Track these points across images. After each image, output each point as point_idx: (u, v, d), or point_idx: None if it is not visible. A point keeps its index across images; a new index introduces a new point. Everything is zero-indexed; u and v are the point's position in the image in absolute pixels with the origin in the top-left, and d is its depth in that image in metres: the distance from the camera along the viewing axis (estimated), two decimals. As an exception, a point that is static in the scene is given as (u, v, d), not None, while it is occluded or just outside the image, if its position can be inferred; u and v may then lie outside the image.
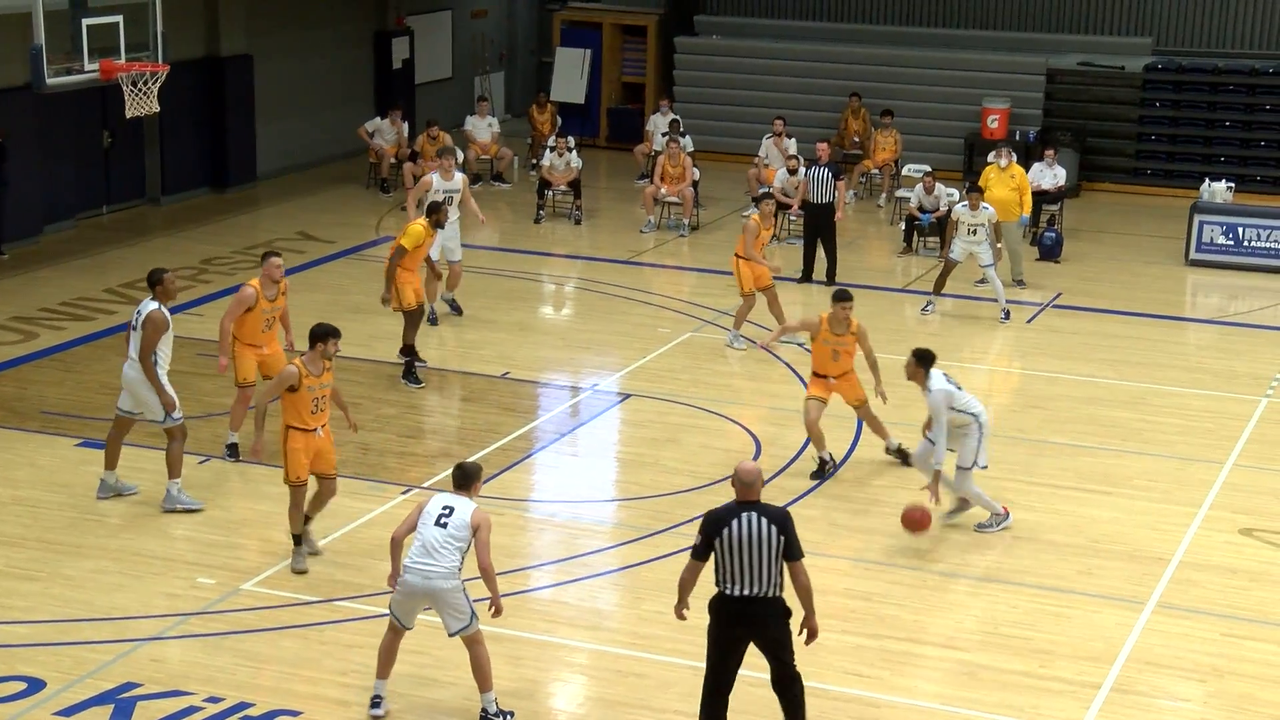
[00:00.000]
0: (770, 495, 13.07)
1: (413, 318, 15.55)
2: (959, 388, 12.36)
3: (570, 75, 27.81)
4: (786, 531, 8.82)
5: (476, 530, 9.45)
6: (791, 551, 8.82)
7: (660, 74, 27.92)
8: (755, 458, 13.86)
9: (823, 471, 13.50)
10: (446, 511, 9.48)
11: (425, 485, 13.00)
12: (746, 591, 8.76)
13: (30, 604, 10.77)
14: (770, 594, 8.82)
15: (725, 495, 12.87)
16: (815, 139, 20.83)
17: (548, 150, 23.16)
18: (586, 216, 22.75)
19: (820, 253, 19.61)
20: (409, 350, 15.55)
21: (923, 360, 12.31)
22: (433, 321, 17.25)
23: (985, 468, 12.37)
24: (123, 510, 12.39)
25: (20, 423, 14.11)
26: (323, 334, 11.43)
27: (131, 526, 12.08)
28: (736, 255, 16.98)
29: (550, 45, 28.87)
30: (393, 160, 23.97)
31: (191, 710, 9.51)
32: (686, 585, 8.97)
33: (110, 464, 12.57)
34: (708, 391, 15.59)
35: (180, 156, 22.78)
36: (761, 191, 18.86)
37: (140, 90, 15.37)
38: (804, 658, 10.22)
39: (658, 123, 24.84)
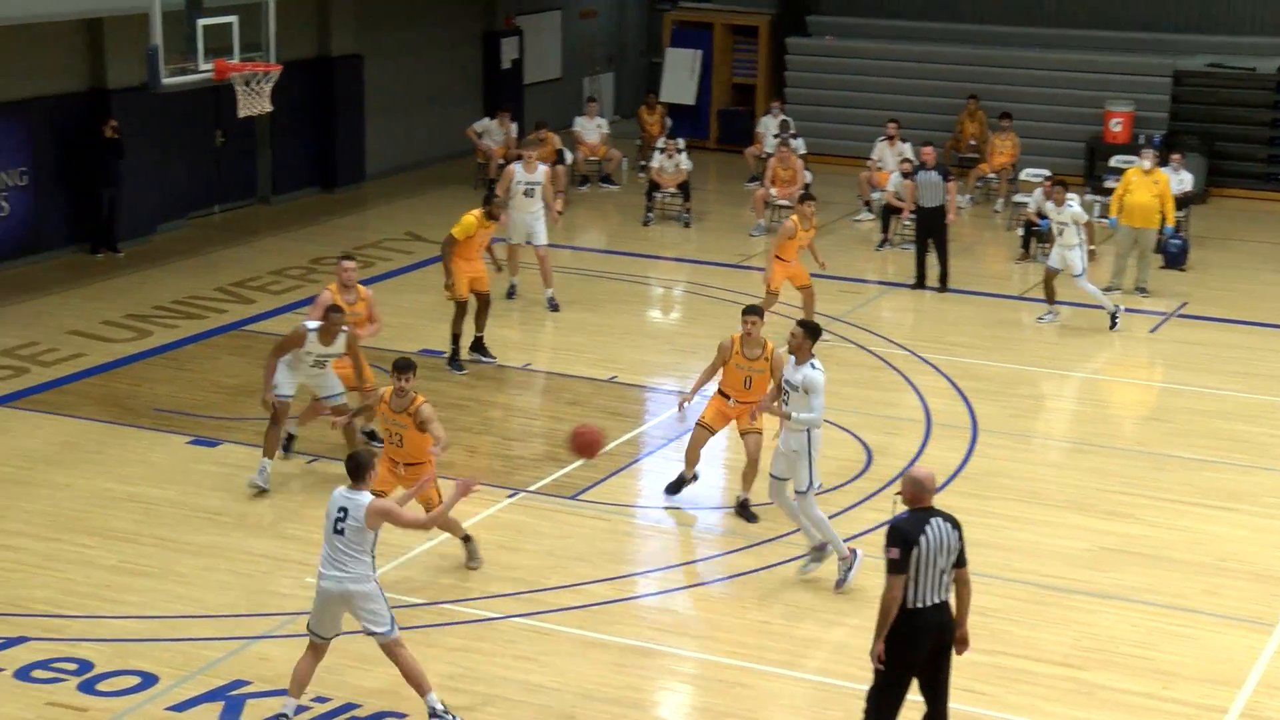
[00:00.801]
0: (885, 505, 13.05)
1: (462, 308, 15.82)
2: None
3: (680, 76, 27.87)
4: (962, 536, 8.81)
5: (378, 517, 9.22)
6: (962, 557, 8.82)
7: (771, 75, 27.89)
8: (866, 467, 13.82)
9: (679, 487, 12.89)
10: (342, 515, 9.27)
11: (531, 489, 13.12)
12: (936, 600, 8.71)
13: (143, 599, 11.01)
14: (946, 599, 8.80)
15: (832, 504, 12.89)
16: (930, 143, 20.70)
17: (657, 152, 23.25)
18: (695, 219, 22.78)
19: (933, 259, 19.50)
20: (456, 339, 15.92)
21: (813, 333, 11.66)
22: (510, 295, 17.74)
23: (820, 488, 11.62)
24: (233, 509, 12.63)
25: (133, 419, 14.42)
26: (400, 366, 11.13)
27: (242, 525, 12.32)
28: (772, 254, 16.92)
29: (660, 46, 28.95)
30: (500, 161, 24.13)
31: (299, 710, 9.68)
32: (896, 605, 8.61)
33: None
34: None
35: (290, 156, 23.15)
36: (800, 192, 18.52)
37: (253, 90, 15.65)
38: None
39: (768, 125, 24.82)
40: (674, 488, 12.99)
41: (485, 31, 26.88)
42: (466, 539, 11.69)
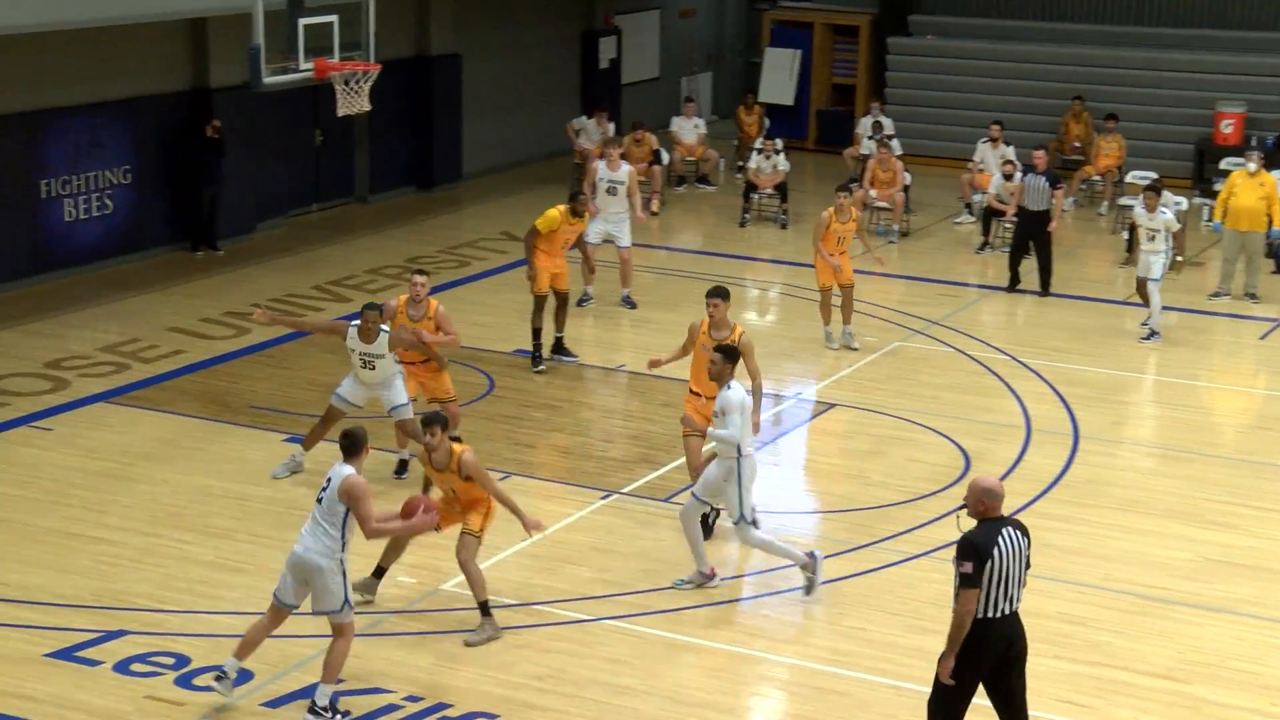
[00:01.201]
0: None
1: (540, 303, 15.92)
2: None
3: (779, 76, 27.82)
4: (1030, 543, 8.76)
5: (349, 502, 9.37)
6: (1029, 563, 8.79)
7: (872, 75, 27.75)
8: (964, 473, 13.72)
9: (709, 526, 12.06)
10: (325, 485, 9.52)
11: (624, 491, 13.15)
12: (1008, 610, 8.65)
13: (239, 595, 11.18)
14: (1018, 608, 8.73)
15: (928, 510, 12.82)
16: (1033, 144, 20.50)
17: (754, 152, 23.22)
18: (793, 220, 22.72)
19: (1032, 262, 19.31)
20: (538, 334, 16.05)
21: (731, 358, 11.39)
22: (581, 303, 17.78)
23: (754, 521, 11.25)
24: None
25: (231, 416, 14.65)
26: (426, 420, 10.58)
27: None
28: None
29: (759, 45, 28.92)
30: (597, 160, 24.22)
31: (391, 708, 9.78)
32: (970, 619, 8.52)
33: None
34: (914, 403, 15.46)
35: (388, 155, 23.38)
36: (845, 181, 18.26)
37: (352, 89, 15.82)
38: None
39: (868, 125, 24.71)
40: (706, 530, 11.94)
41: (584, 30, 26.99)
42: (380, 572, 11.08)
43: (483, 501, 10.72)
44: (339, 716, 9.59)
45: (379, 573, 11.13)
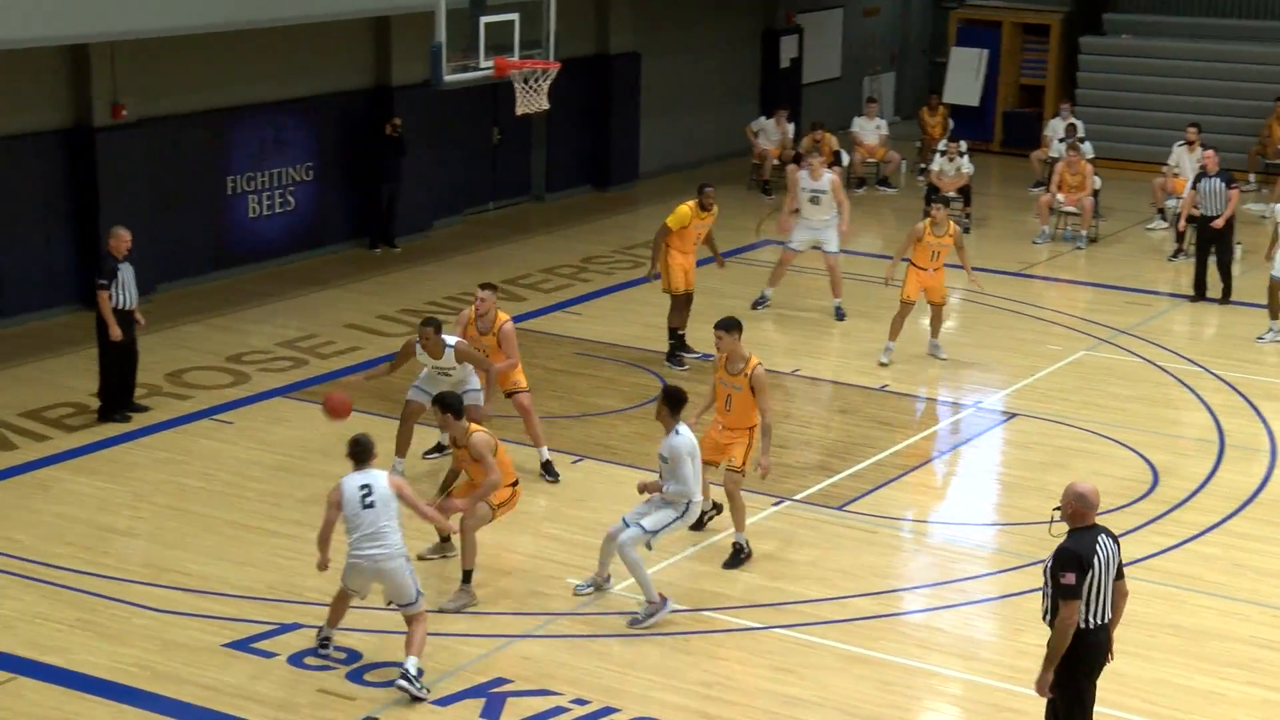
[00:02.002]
0: (1171, 530, 12.68)
1: (678, 301, 16.06)
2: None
3: (965, 76, 27.49)
4: (1119, 549, 8.68)
5: (400, 495, 10.02)
6: (1121, 570, 8.69)
7: (1062, 76, 27.30)
8: (1153, 488, 13.44)
9: (702, 522, 12.16)
10: (367, 491, 10.00)
11: (797, 498, 13.12)
12: (1105, 618, 8.63)
13: (409, 592, 11.38)
14: (1110, 618, 8.70)
15: (1112, 526, 12.54)
16: (1233, 148, 19.97)
17: (938, 154, 22.99)
18: (976, 225, 22.45)
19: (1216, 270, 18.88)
20: (674, 333, 16.11)
21: (671, 401, 10.92)
22: (755, 306, 17.83)
23: (651, 549, 11.06)
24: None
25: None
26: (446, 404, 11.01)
27: (505, 524, 12.61)
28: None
29: (945, 45, 28.61)
30: (775, 162, 24.22)
31: (558, 711, 9.89)
32: (1072, 631, 8.47)
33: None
34: (1101, 414, 15.18)
35: (565, 154, 23.62)
36: (940, 194, 17.62)
37: (531, 87, 15.99)
38: (1206, 710, 9.87)
39: (1057, 127, 24.30)
40: (697, 524, 12.04)
41: (765, 29, 26.96)
42: (445, 539, 11.74)
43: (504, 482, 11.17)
44: (422, 688, 9.89)
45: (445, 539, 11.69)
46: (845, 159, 23.71)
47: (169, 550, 11.97)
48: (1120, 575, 8.68)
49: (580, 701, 10.01)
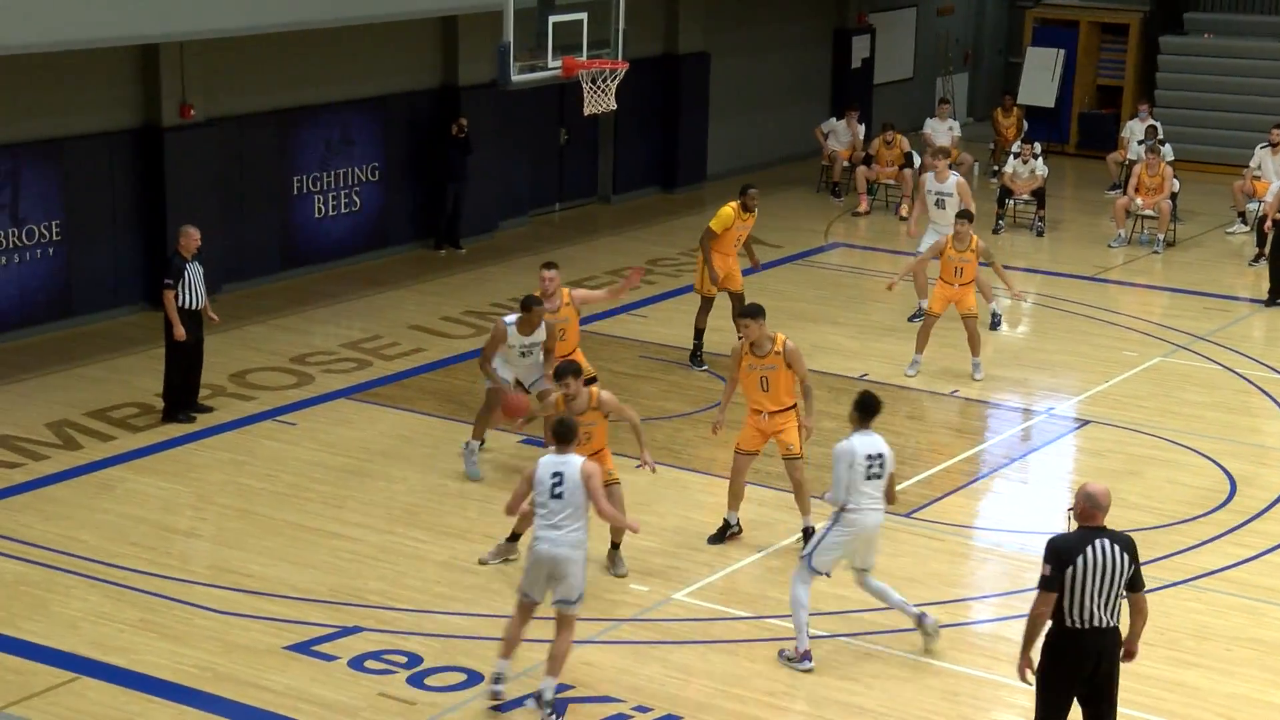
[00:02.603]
0: (1250, 540, 12.51)
1: (707, 303, 16.19)
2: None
3: (1040, 77, 27.29)
4: (1135, 559, 8.63)
5: (587, 482, 9.75)
6: (1136, 581, 8.61)
7: (1141, 76, 27.04)
8: (1230, 497, 13.28)
9: (722, 536, 12.25)
10: (558, 480, 9.81)
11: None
12: (1099, 624, 8.58)
13: (472, 597, 11.44)
14: (1114, 624, 8.65)
15: (1188, 536, 12.44)
16: None
17: (1011, 156, 22.83)
18: (1049, 228, 22.28)
19: None
20: (700, 334, 16.28)
21: (862, 409, 10.61)
22: (912, 319, 17.62)
23: (827, 574, 10.73)
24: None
25: (469, 416, 14.81)
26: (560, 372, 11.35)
27: (569, 526, 12.64)
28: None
29: (1020, 44, 28.43)
30: (845, 164, 24.14)
31: (621, 717, 9.89)
32: (1041, 622, 8.64)
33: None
34: (1176, 421, 15.02)
35: (632, 155, 23.63)
36: (962, 208, 17.05)
37: (599, 87, 15.99)
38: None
39: (1135, 129, 24.09)
40: (716, 537, 12.28)
41: (836, 29, 26.88)
42: (615, 545, 11.81)
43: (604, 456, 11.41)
44: (556, 717, 9.75)
45: (514, 538, 11.76)
46: (917, 161, 23.57)
47: (231, 551, 12.08)
48: (1136, 587, 8.62)
49: (642, 709, 10.01)
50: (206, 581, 11.58)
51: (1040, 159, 22.50)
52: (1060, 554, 8.55)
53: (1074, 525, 8.73)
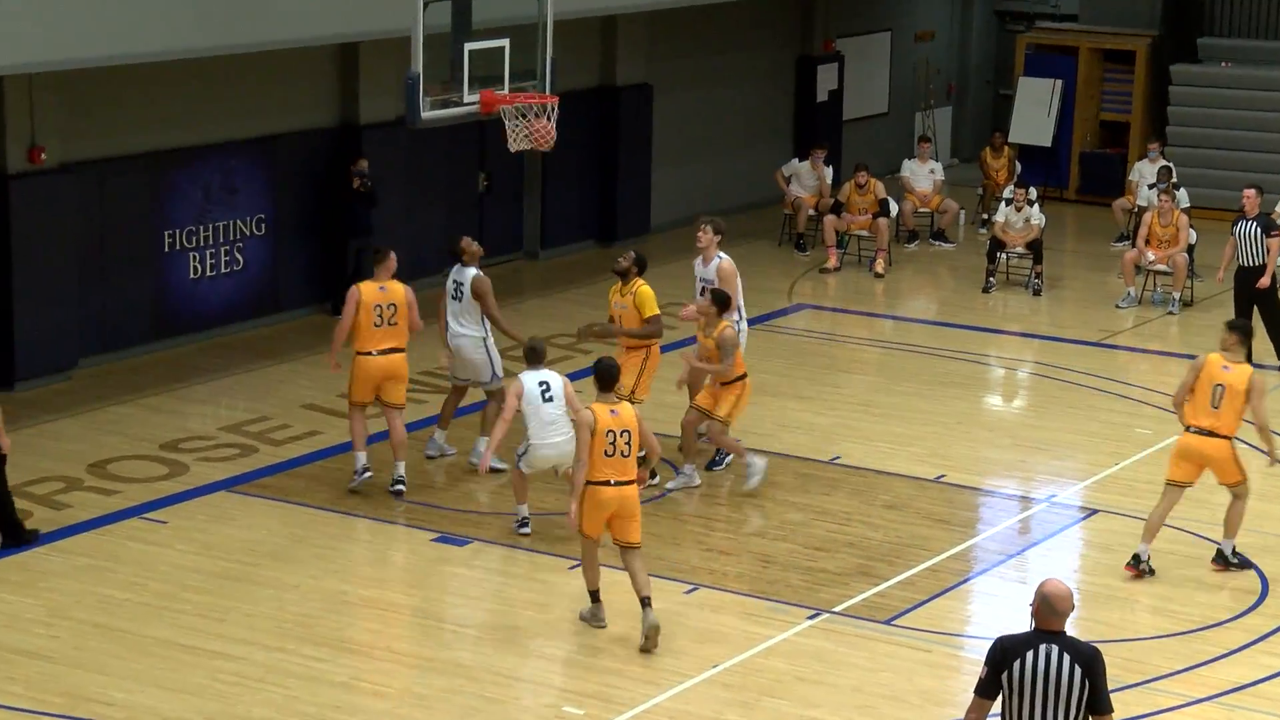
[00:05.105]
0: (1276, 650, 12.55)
1: None
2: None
3: (1035, 112, 27.61)
4: (1094, 676, 8.44)
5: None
6: (1099, 703, 8.44)
7: (1150, 110, 27.41)
8: (1261, 599, 13.33)
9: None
10: (545, 387, 13.71)
11: (837, 610, 13.04)
12: None
13: (375, 724, 11.34)
14: None
15: (1215, 645, 12.48)
16: (1256, 185, 20.01)
17: (1003, 203, 23.05)
18: (1048, 286, 22.45)
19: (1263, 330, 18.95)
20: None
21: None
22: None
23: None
24: (484, 620, 12.90)
25: (372, 510, 14.87)
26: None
27: (489, 639, 12.56)
28: None
29: (1011, 74, 28.76)
30: (811, 212, 24.29)
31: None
32: None
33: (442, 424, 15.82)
34: (1199, 511, 15.08)
35: (563, 204, 23.69)
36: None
37: (527, 125, 16.04)
38: None
39: (1144, 171, 24.36)
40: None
41: (799, 57, 27.14)
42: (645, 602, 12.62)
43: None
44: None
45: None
46: (894, 209, 23.76)
47: (90, 675, 11.90)
48: (1100, 711, 8.39)
49: None
50: (59, 712, 11.40)
51: (1036, 206, 22.71)
52: (998, 654, 8.44)
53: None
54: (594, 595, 12.63)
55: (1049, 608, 8.45)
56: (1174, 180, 23.39)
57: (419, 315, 15.29)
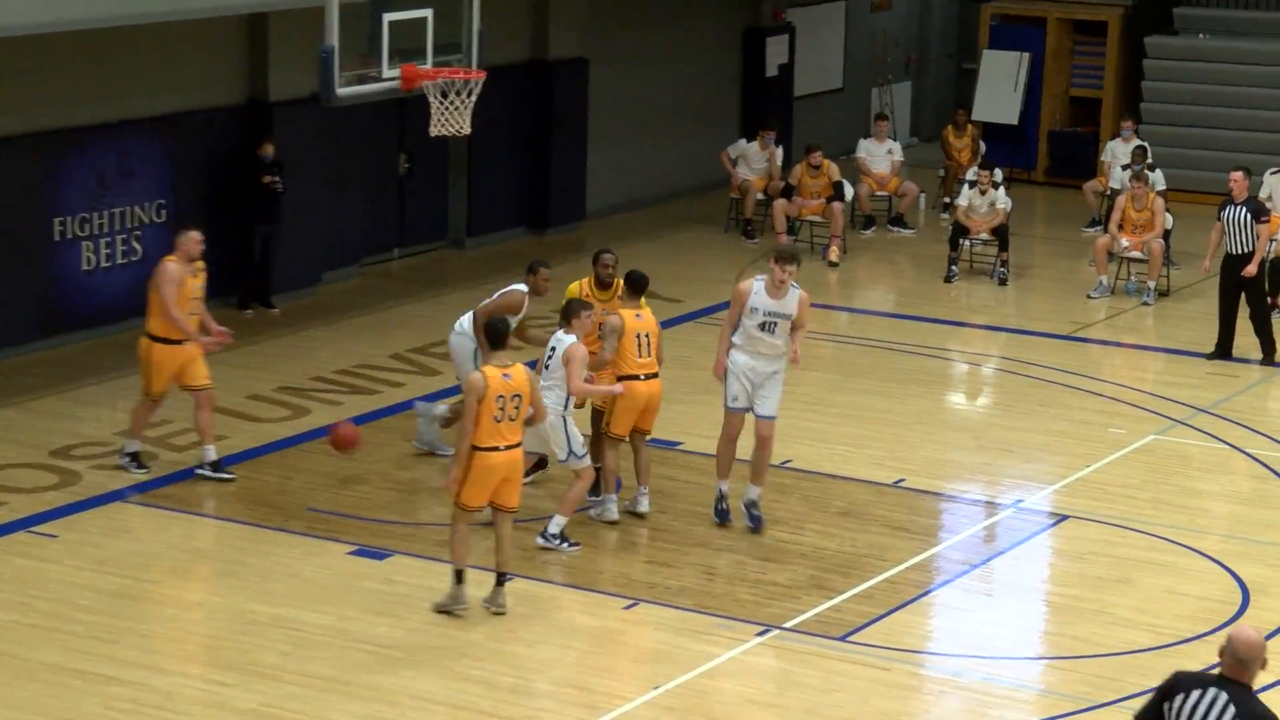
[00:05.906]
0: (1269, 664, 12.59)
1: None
2: None
3: (1000, 87, 27.74)
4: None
5: (568, 364, 13.67)
6: None
7: (1123, 86, 27.56)
8: (1240, 610, 13.39)
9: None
10: (550, 354, 13.95)
11: (788, 625, 13.03)
12: None
13: (284, 755, 11.26)
14: None
15: (1193, 659, 12.51)
16: (1243, 167, 20.16)
17: (966, 186, 23.12)
18: (1015, 275, 22.54)
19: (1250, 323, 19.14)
20: None
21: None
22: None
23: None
24: (403, 640, 12.83)
25: (282, 521, 14.78)
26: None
27: (412, 661, 12.50)
28: None
29: (975, 47, 28.89)
30: (760, 195, 24.30)
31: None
32: None
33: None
34: (1175, 516, 15.19)
35: (492, 188, 23.64)
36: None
37: (451, 104, 15.98)
38: None
39: (1117, 152, 24.50)
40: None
41: (746, 28, 27.17)
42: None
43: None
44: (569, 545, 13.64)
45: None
46: (848, 192, 23.79)
47: (-29, 703, 11.80)
48: None
49: None
50: (-62, 743, 11.30)
51: (1002, 189, 22.80)
52: (1168, 682, 8.52)
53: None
54: (459, 576, 12.84)
55: (1231, 652, 8.47)
56: (1149, 161, 23.51)
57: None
